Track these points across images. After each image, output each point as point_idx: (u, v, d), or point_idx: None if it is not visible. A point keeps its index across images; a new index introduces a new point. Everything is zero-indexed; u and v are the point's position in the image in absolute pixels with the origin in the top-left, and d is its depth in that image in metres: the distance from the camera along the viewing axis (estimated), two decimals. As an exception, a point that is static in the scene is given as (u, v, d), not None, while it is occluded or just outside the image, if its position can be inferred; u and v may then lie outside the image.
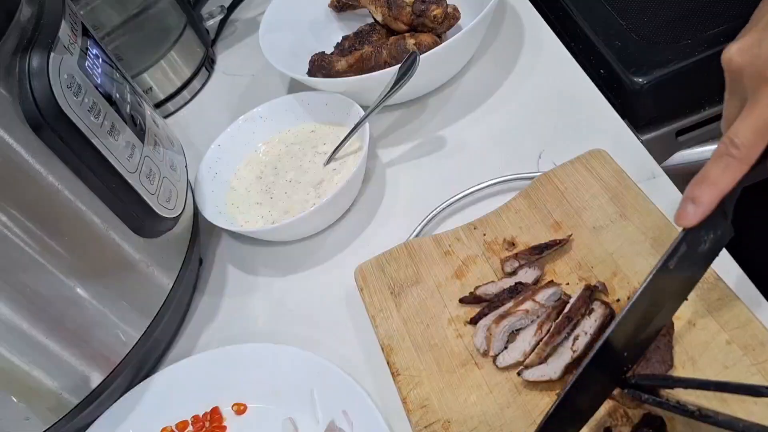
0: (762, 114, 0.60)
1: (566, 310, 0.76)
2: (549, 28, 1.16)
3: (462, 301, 0.84)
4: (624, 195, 0.84)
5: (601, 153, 0.89)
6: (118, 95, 0.85)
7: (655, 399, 0.65)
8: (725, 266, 0.77)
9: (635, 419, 0.68)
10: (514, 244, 0.86)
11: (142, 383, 0.90)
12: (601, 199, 0.85)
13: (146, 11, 1.29)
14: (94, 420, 0.88)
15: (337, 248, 1.00)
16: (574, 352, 0.73)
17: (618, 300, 0.77)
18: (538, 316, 0.78)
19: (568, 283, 0.81)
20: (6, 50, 0.71)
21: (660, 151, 1.01)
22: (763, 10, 0.64)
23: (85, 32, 0.84)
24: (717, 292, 0.72)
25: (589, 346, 0.73)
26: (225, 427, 0.86)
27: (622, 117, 0.98)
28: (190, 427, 0.87)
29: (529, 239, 0.86)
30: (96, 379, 0.85)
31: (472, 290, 0.84)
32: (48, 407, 0.82)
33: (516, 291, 0.81)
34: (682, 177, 1.00)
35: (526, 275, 0.82)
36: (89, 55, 0.82)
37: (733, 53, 0.63)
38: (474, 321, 0.81)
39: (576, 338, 0.74)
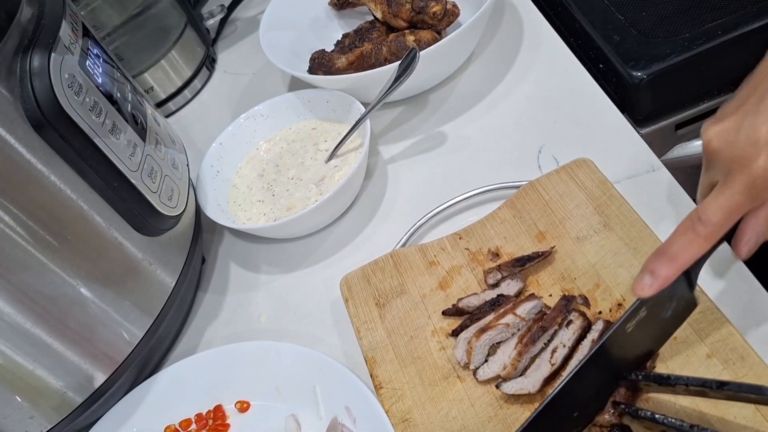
0: (732, 197, 0.61)
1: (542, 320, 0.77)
2: (548, 24, 1.16)
3: (445, 313, 0.84)
4: (608, 205, 0.84)
5: (586, 162, 0.89)
6: (119, 94, 0.85)
7: (654, 414, 0.65)
8: (725, 259, 0.78)
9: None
10: (498, 255, 0.86)
11: (145, 382, 0.90)
12: (585, 209, 0.85)
13: (146, 11, 1.29)
14: (98, 419, 0.88)
15: (340, 245, 1.01)
16: (552, 365, 0.73)
17: (600, 312, 0.77)
18: (518, 329, 0.78)
19: (551, 295, 0.81)
20: (7, 50, 0.71)
21: (659, 145, 1.01)
22: (749, 85, 0.65)
23: (86, 32, 0.84)
24: (699, 305, 0.72)
25: (567, 357, 0.73)
26: (228, 425, 0.86)
27: (622, 111, 0.98)
28: (194, 426, 0.87)
29: (514, 250, 0.86)
30: (100, 377, 0.85)
31: (455, 302, 0.83)
32: (52, 406, 0.83)
33: (497, 303, 0.80)
34: (682, 170, 1.00)
35: (509, 287, 0.82)
36: (90, 55, 0.82)
37: (713, 136, 0.64)
38: (455, 333, 0.81)
39: (554, 350, 0.74)
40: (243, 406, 0.87)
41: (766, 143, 0.60)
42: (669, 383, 0.65)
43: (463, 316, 0.82)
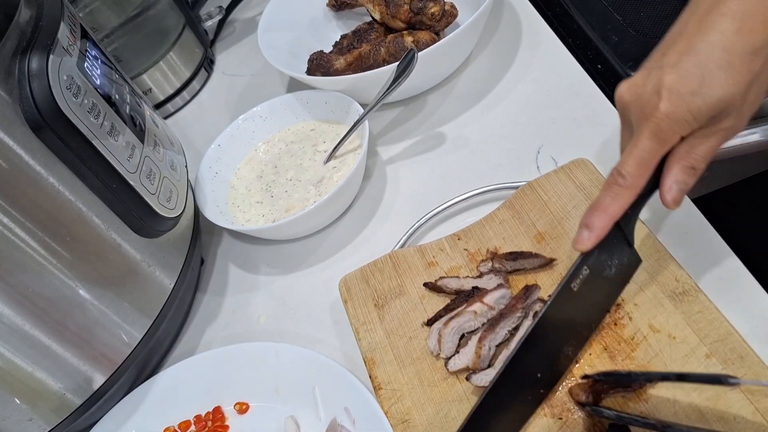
0: (643, 146, 0.66)
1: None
2: (546, 25, 1.16)
3: (425, 285, 0.85)
4: None
5: (584, 162, 0.89)
6: (117, 96, 0.85)
7: (619, 414, 0.67)
8: (724, 259, 0.78)
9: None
10: (496, 255, 0.86)
11: (144, 383, 0.90)
12: (584, 209, 0.84)
13: (145, 13, 1.29)
14: (97, 421, 0.88)
15: (339, 246, 1.01)
16: None
17: None
18: (488, 319, 0.78)
19: (549, 295, 0.80)
20: (5, 52, 0.71)
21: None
22: (657, 47, 0.69)
23: (84, 34, 0.84)
24: (697, 305, 0.72)
25: None
26: (227, 427, 0.86)
27: (621, 112, 0.98)
28: (193, 427, 0.87)
29: (513, 250, 0.86)
30: (99, 379, 0.85)
31: (436, 279, 0.85)
32: (51, 408, 0.83)
33: (471, 295, 0.81)
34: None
35: (490, 281, 0.82)
36: (88, 57, 0.82)
37: (623, 91, 0.69)
38: (429, 323, 0.82)
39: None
40: (242, 408, 0.87)
41: (668, 90, 0.64)
42: (630, 380, 0.69)
43: (440, 294, 0.84)
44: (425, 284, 0.85)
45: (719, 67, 0.62)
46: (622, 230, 0.71)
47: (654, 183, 0.69)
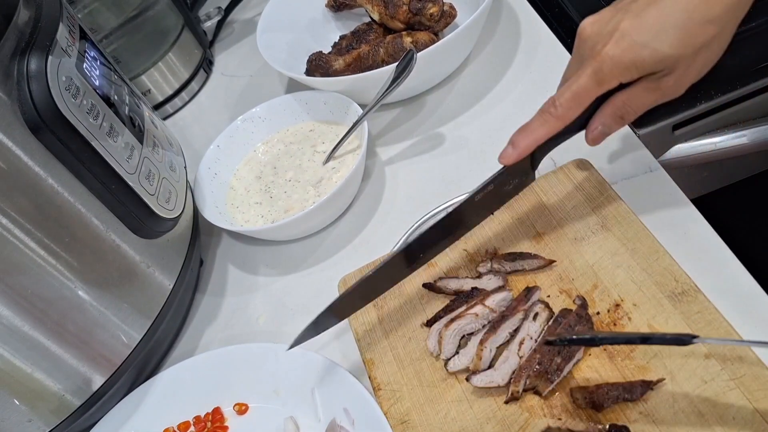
0: (581, 82, 0.69)
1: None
2: (545, 25, 1.16)
3: (424, 286, 0.85)
4: (606, 206, 0.84)
5: (583, 163, 0.89)
6: (116, 97, 0.85)
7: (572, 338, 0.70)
8: (723, 259, 0.78)
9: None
10: (496, 255, 0.86)
11: (144, 384, 0.90)
12: (583, 209, 0.85)
13: (144, 13, 1.29)
14: (97, 422, 0.88)
15: (338, 246, 1.01)
16: (520, 357, 0.74)
17: (598, 313, 0.77)
18: (489, 321, 0.78)
19: (549, 296, 0.81)
20: (4, 53, 0.71)
21: (657, 146, 1.01)
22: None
23: (83, 35, 0.84)
24: (696, 305, 0.72)
25: (537, 352, 0.74)
26: (227, 428, 0.86)
27: (619, 112, 0.98)
28: (192, 428, 0.87)
29: (512, 250, 0.86)
30: (98, 380, 0.85)
31: (435, 279, 0.85)
32: (50, 409, 0.83)
33: (471, 296, 0.81)
34: (680, 171, 1.00)
35: (489, 282, 0.83)
36: (87, 58, 0.82)
37: (587, 23, 0.71)
38: (429, 324, 0.82)
39: (521, 342, 0.75)
40: (241, 409, 0.87)
41: (621, 34, 0.66)
42: (594, 343, 0.72)
43: (439, 295, 0.84)
44: (424, 285, 0.86)
45: (675, 26, 0.64)
46: (533, 156, 0.77)
47: (582, 123, 0.74)
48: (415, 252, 0.80)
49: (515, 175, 0.79)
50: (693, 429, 0.65)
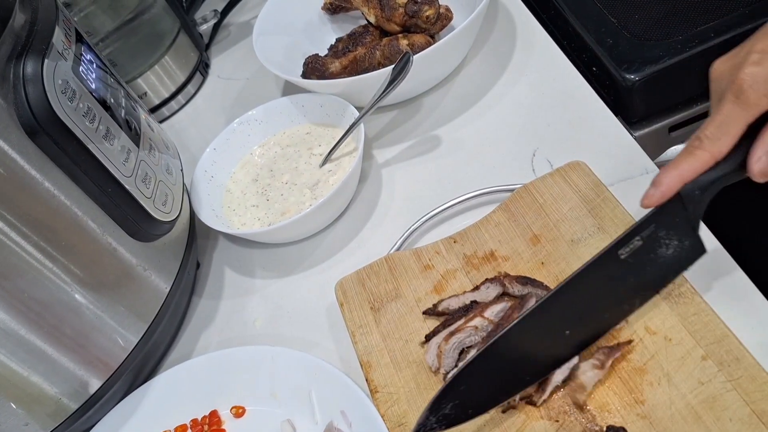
0: (724, 110, 0.65)
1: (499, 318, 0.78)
2: (541, 27, 1.16)
3: (425, 313, 0.84)
4: (602, 207, 0.84)
5: (580, 165, 0.89)
6: (112, 100, 0.85)
7: None
8: (721, 261, 0.78)
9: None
10: (508, 275, 0.85)
11: (140, 388, 0.90)
12: (580, 211, 0.85)
13: (140, 17, 1.29)
14: (93, 425, 0.88)
15: (334, 249, 1.01)
16: None
17: None
18: (487, 333, 0.78)
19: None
20: (0, 57, 0.71)
21: (653, 147, 1.01)
22: (763, 29, 0.67)
23: (79, 38, 0.84)
24: (693, 307, 0.72)
25: None
26: (224, 431, 0.86)
27: (615, 114, 0.98)
28: (189, 431, 0.87)
29: (509, 252, 0.86)
30: (95, 384, 0.85)
31: (435, 303, 0.84)
32: (47, 413, 0.82)
33: (470, 309, 0.81)
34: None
35: (488, 291, 0.82)
36: (83, 61, 0.82)
37: (716, 64, 0.68)
38: (428, 338, 0.81)
39: None
40: (238, 412, 0.87)
41: (756, 54, 0.63)
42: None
43: (441, 318, 0.83)
44: (425, 312, 0.84)
45: None
46: (686, 210, 0.68)
47: (741, 161, 0.65)
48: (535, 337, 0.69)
49: (670, 231, 0.69)
50: (690, 430, 0.65)
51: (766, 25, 0.66)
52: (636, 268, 0.69)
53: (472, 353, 0.70)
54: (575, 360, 0.72)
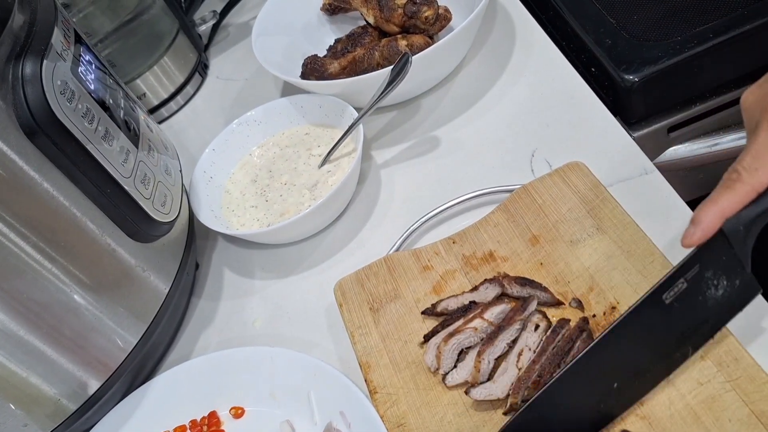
0: (761, 140, 0.62)
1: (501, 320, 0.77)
2: (540, 28, 1.16)
3: (424, 313, 0.84)
4: (601, 208, 0.84)
5: (579, 165, 0.89)
6: (111, 101, 0.85)
7: None
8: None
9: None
10: (507, 276, 0.84)
11: (139, 388, 0.90)
12: (579, 212, 0.85)
13: (139, 17, 1.29)
14: (92, 426, 0.88)
15: (333, 250, 1.01)
16: (519, 369, 0.74)
17: (594, 315, 0.77)
18: (486, 334, 0.78)
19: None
20: (-1, 58, 0.71)
21: (652, 148, 1.02)
22: None
23: (78, 39, 0.84)
24: None
25: (536, 362, 0.73)
26: (223, 431, 0.86)
27: (614, 114, 0.98)
28: None
29: (508, 253, 0.86)
30: (94, 385, 0.85)
31: (434, 302, 0.84)
32: (46, 414, 0.82)
33: (468, 309, 0.81)
34: (675, 173, 1.00)
35: (487, 291, 0.82)
36: (82, 62, 0.82)
37: (748, 93, 0.66)
38: (426, 338, 0.81)
39: (520, 354, 0.75)
40: (238, 412, 0.87)
41: None
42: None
43: (440, 318, 0.83)
44: (424, 312, 0.84)
45: None
46: (733, 249, 0.64)
47: None
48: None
49: (717, 271, 0.65)
50: (689, 431, 0.65)
51: None
52: (684, 312, 0.66)
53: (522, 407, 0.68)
54: None
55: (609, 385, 0.66)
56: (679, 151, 1.06)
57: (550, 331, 0.75)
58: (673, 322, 0.66)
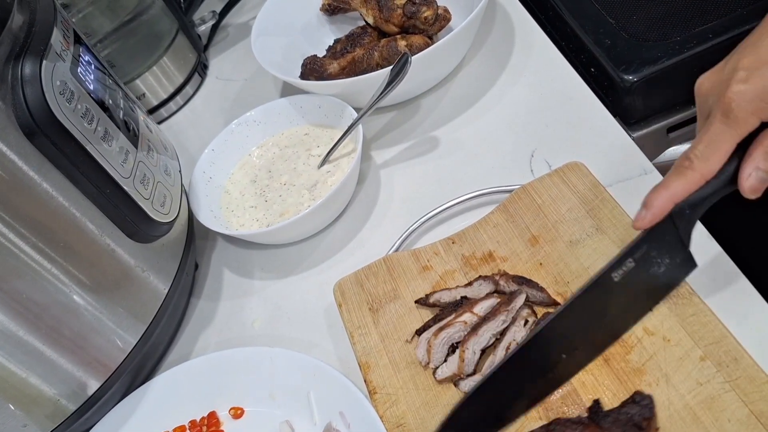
0: (713, 129, 0.64)
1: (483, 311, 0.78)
2: (539, 28, 1.16)
3: (417, 302, 0.84)
4: (600, 208, 0.84)
5: (578, 165, 0.89)
6: (110, 101, 0.85)
7: None
8: (718, 261, 0.78)
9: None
10: (505, 273, 0.84)
11: (139, 389, 0.90)
12: (578, 212, 0.85)
13: (138, 18, 1.29)
14: (92, 426, 0.88)
15: (333, 250, 1.01)
16: None
17: None
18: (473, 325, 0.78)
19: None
20: (-2, 58, 0.71)
21: (651, 148, 1.02)
22: (746, 41, 0.66)
23: (78, 39, 0.84)
24: (692, 308, 0.72)
25: None
26: (222, 431, 0.86)
27: (614, 115, 0.98)
28: (188, 432, 0.88)
29: (507, 253, 0.86)
30: (93, 385, 0.85)
31: (427, 293, 0.84)
32: (45, 414, 0.82)
33: (460, 305, 0.81)
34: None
35: (480, 288, 0.82)
36: (81, 62, 0.82)
37: (703, 79, 0.67)
38: (419, 333, 0.82)
39: (508, 347, 0.75)
40: (237, 413, 0.87)
41: (744, 69, 0.62)
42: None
43: (434, 309, 0.83)
44: (417, 301, 0.85)
45: None
46: (677, 228, 0.67)
47: (730, 178, 0.65)
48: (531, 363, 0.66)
49: (662, 250, 0.67)
50: (689, 431, 0.65)
51: (750, 36, 0.66)
52: (629, 289, 0.67)
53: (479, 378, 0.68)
54: None
55: (559, 357, 0.67)
56: (678, 151, 1.05)
57: (533, 324, 0.76)
58: (620, 298, 0.67)
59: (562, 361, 0.67)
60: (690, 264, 0.68)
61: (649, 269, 0.67)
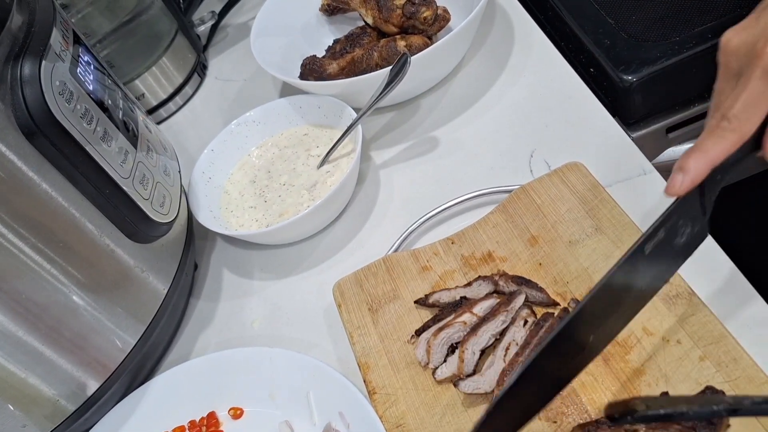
0: (754, 87, 0.60)
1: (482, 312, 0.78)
2: (539, 28, 1.16)
3: (416, 302, 0.84)
4: (600, 208, 0.84)
5: (577, 166, 0.89)
6: (110, 101, 0.85)
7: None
8: (717, 261, 0.78)
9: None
10: (505, 273, 0.84)
11: (138, 389, 0.90)
12: (577, 212, 0.85)
13: (137, 18, 1.29)
14: (91, 427, 0.88)
15: (332, 250, 1.01)
16: (506, 362, 0.74)
17: None
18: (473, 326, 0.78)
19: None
20: (-3, 58, 0.71)
21: (651, 148, 1.02)
22: (764, 3, 0.64)
23: (77, 39, 0.84)
24: (691, 308, 0.72)
25: (519, 355, 0.73)
26: None
27: (613, 115, 0.98)
28: (188, 432, 0.87)
29: (507, 253, 0.86)
30: (92, 385, 0.85)
31: (427, 294, 0.84)
32: (45, 414, 0.82)
33: (459, 305, 0.81)
34: (674, 173, 1.00)
35: (480, 288, 0.82)
36: (81, 62, 0.82)
37: (730, 35, 0.64)
38: (418, 333, 0.82)
39: (507, 348, 0.75)
40: (236, 413, 0.87)
41: None
42: (672, 419, 0.58)
43: (433, 309, 0.83)
44: (416, 302, 0.85)
45: None
46: (702, 195, 0.63)
47: (754, 143, 0.62)
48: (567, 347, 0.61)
49: (687, 219, 0.64)
50: (688, 431, 0.66)
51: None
52: (654, 261, 0.64)
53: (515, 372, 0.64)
54: None
55: (587, 338, 0.63)
56: (677, 151, 1.06)
57: (533, 324, 0.76)
58: (647, 271, 0.64)
59: (590, 343, 0.63)
60: (703, 234, 0.66)
61: (673, 239, 0.64)
